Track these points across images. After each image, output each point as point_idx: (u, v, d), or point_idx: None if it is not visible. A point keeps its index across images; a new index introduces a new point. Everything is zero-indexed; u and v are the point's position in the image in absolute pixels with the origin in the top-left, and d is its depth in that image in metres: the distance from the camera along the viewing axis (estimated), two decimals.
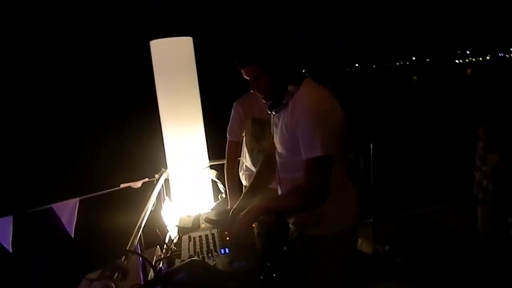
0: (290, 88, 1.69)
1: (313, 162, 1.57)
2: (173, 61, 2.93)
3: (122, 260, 1.35)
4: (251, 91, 1.94)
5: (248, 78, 1.73)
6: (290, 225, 1.90)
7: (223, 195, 2.85)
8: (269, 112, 1.83)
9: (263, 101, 1.79)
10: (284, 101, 1.70)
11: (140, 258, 1.58)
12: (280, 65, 1.66)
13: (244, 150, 2.70)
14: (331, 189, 1.58)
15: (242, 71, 1.72)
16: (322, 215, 1.70)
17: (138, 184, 3.16)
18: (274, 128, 1.88)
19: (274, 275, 1.49)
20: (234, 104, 2.63)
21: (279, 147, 1.81)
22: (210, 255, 1.61)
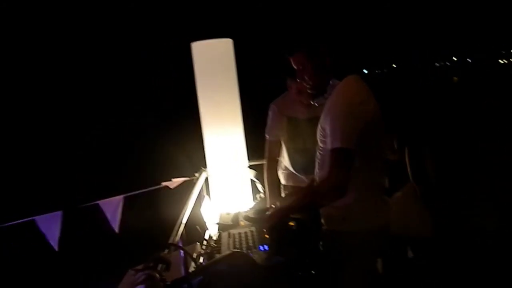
0: (332, 82, 1.71)
1: (332, 154, 1.58)
2: (214, 62, 2.99)
3: (166, 252, 1.41)
4: (287, 92, 1.98)
5: (295, 67, 1.80)
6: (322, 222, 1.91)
7: (262, 195, 2.88)
8: (312, 103, 1.86)
9: (308, 91, 1.83)
10: (325, 94, 1.73)
11: (182, 252, 1.63)
12: (324, 54, 1.70)
13: (283, 149, 2.72)
14: (356, 186, 1.58)
15: (291, 61, 1.79)
16: (347, 211, 1.70)
17: (179, 181, 3.24)
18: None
19: (312, 271, 1.50)
20: (271, 104, 2.69)
21: (318, 140, 1.84)
22: (249, 251, 1.65)
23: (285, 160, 2.72)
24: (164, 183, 3.26)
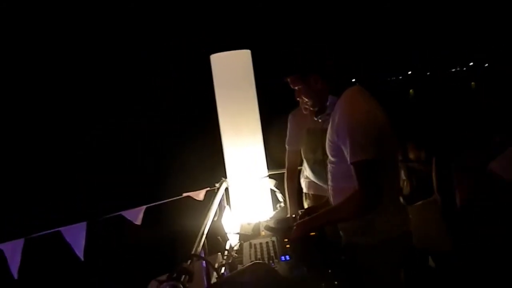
0: (330, 99, 1.74)
1: (357, 167, 1.59)
2: (232, 74, 3.02)
3: (188, 263, 1.43)
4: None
5: (292, 87, 1.86)
6: (341, 233, 1.90)
7: (282, 205, 2.89)
8: (315, 119, 1.90)
9: (310, 109, 1.86)
10: (327, 111, 1.77)
11: (204, 263, 1.64)
12: (315, 79, 1.74)
13: (304, 159, 2.73)
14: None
15: (289, 82, 1.85)
16: (365, 224, 1.69)
17: (200, 195, 3.27)
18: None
19: (335, 282, 1.49)
20: (289, 116, 2.71)
21: (328, 155, 1.84)
22: (271, 261, 1.65)
23: (307, 170, 2.73)
24: (185, 194, 3.30)
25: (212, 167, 3.84)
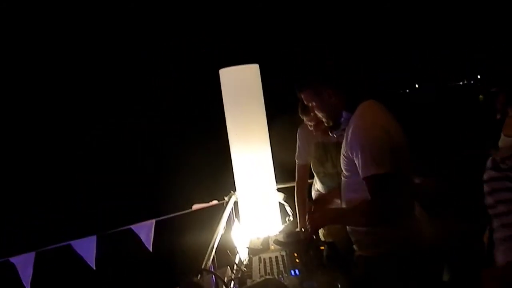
0: (345, 114, 1.75)
1: (369, 182, 1.58)
2: (241, 88, 3.05)
3: (198, 277, 1.43)
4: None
5: (306, 102, 1.86)
6: (354, 247, 1.89)
7: (291, 218, 2.88)
8: (330, 134, 1.90)
9: (325, 124, 1.86)
10: (342, 126, 1.77)
11: (214, 277, 1.64)
12: (329, 94, 1.74)
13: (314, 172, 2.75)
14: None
15: (302, 97, 1.85)
16: (379, 237, 1.68)
17: (210, 205, 3.28)
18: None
19: None
20: (298, 130, 2.73)
21: (342, 168, 1.84)
22: (280, 276, 1.65)
23: (317, 183, 2.75)
24: (195, 207, 3.31)
25: (221, 179, 3.85)
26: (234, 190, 3.21)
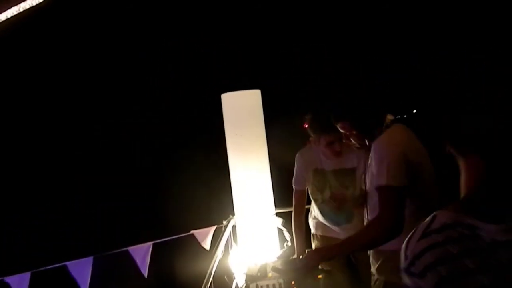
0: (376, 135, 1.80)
1: (379, 192, 1.61)
2: (242, 113, 3.09)
3: None
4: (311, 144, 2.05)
5: (341, 130, 1.91)
6: (373, 271, 1.87)
7: (289, 243, 2.87)
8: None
9: (356, 147, 1.92)
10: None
11: None
12: (365, 122, 1.81)
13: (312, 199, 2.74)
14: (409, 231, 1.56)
15: (337, 125, 1.90)
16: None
17: (208, 234, 3.27)
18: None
19: None
20: (297, 155, 2.74)
21: (367, 188, 1.88)
22: None
23: (314, 209, 2.74)
24: (193, 231, 3.29)
25: (220, 203, 3.84)
26: (233, 214, 3.21)
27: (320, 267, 2.50)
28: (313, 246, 2.77)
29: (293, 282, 1.82)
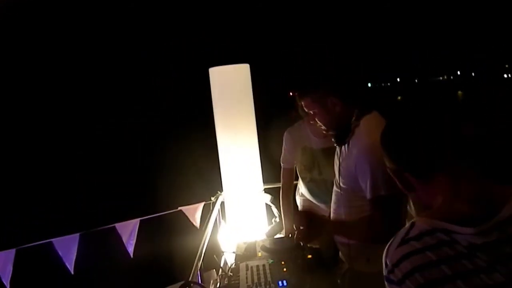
0: (349, 123, 1.67)
1: (377, 202, 1.54)
2: (231, 88, 3.01)
3: None
4: (302, 121, 1.95)
5: (306, 110, 1.76)
6: (341, 257, 1.87)
7: (277, 219, 2.87)
8: (336, 145, 1.82)
9: (323, 132, 1.81)
10: (346, 137, 1.69)
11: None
12: (333, 103, 1.66)
13: (299, 177, 2.72)
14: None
15: (302, 103, 1.76)
16: (372, 252, 1.65)
17: (197, 210, 3.24)
18: (336, 158, 1.87)
19: None
20: (285, 133, 2.69)
21: (338, 179, 1.79)
22: (268, 287, 1.63)
23: (302, 187, 2.72)
24: (181, 208, 3.27)
25: (208, 180, 3.81)
26: (221, 190, 3.18)
27: (308, 246, 2.52)
28: None
29: (283, 262, 1.81)
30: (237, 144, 3.03)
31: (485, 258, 0.77)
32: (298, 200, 2.82)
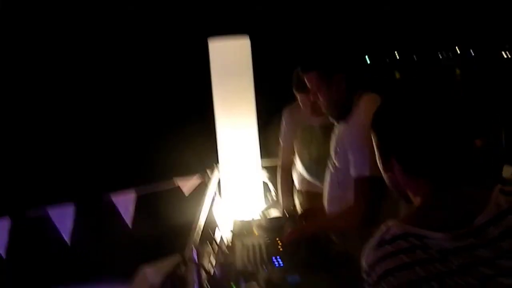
0: (349, 102, 1.66)
1: (361, 183, 1.53)
2: (230, 60, 2.95)
3: (183, 271, 1.39)
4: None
5: (309, 86, 1.73)
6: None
7: (274, 197, 2.87)
8: (335, 123, 1.81)
9: (324, 111, 1.78)
10: (345, 115, 1.68)
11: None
12: (339, 81, 1.63)
13: (297, 155, 2.69)
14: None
15: (305, 78, 1.73)
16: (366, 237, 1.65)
17: (191, 183, 3.24)
18: (333, 136, 1.86)
19: None
20: (284, 112, 2.66)
21: (334, 158, 1.78)
22: (263, 266, 1.64)
23: (299, 166, 2.70)
24: (176, 180, 3.26)
25: (205, 153, 3.79)
26: (217, 163, 3.16)
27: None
28: (297, 202, 2.75)
29: (279, 242, 1.81)
30: (235, 119, 2.99)
31: (457, 262, 0.78)
32: (296, 179, 2.80)
